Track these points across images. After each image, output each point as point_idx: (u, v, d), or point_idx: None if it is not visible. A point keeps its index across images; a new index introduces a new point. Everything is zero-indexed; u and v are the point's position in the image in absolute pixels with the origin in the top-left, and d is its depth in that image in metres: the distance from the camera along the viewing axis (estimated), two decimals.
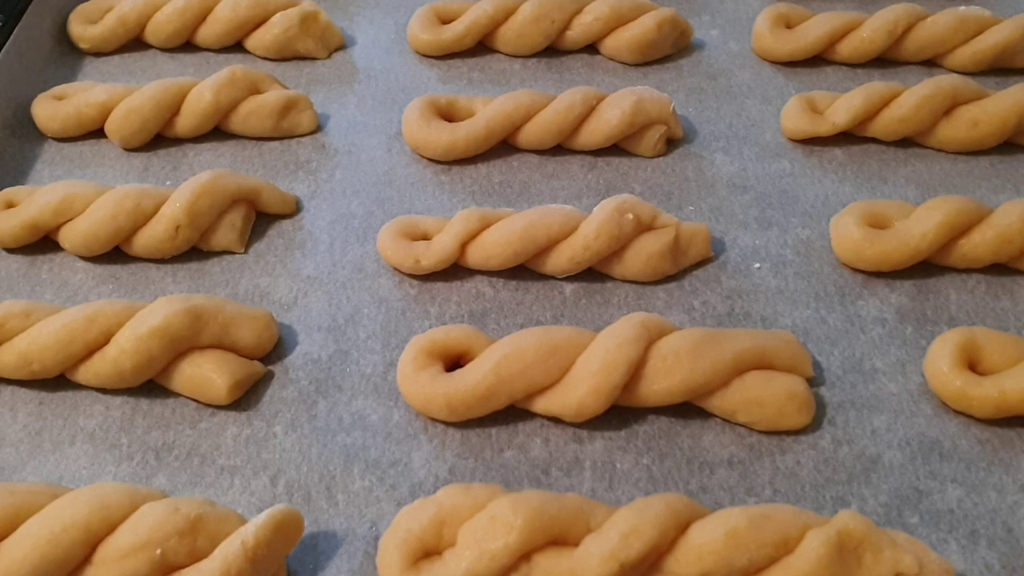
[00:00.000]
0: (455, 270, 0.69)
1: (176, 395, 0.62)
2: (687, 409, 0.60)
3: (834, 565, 0.49)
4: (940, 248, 0.67)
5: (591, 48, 0.90)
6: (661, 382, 0.58)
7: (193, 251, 0.71)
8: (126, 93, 0.80)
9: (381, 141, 0.81)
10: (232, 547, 0.49)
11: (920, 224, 0.67)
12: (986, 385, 0.58)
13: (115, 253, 0.71)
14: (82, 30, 0.90)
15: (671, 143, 0.80)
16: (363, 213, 0.75)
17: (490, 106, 0.78)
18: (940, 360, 0.60)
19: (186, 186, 0.70)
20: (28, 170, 0.79)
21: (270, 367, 0.64)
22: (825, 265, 0.70)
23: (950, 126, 0.77)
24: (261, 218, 0.75)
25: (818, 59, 0.88)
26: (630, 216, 0.67)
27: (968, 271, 0.69)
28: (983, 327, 0.63)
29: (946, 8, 0.87)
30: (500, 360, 0.58)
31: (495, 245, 0.67)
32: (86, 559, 0.50)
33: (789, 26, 0.89)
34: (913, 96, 0.77)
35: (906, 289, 0.68)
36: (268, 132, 0.81)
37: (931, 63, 0.88)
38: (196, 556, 0.50)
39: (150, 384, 0.62)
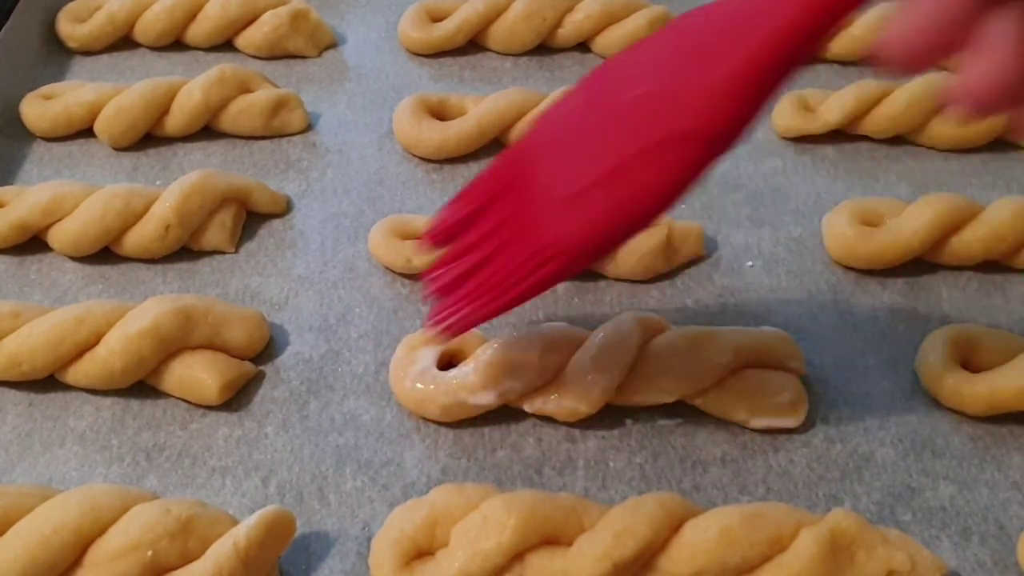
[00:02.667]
0: None
1: (167, 396, 0.62)
2: (680, 407, 0.60)
3: (827, 563, 0.49)
4: (932, 245, 0.67)
5: (583, 46, 0.90)
6: (654, 381, 0.58)
7: (183, 251, 0.71)
8: (115, 92, 0.79)
9: (372, 140, 0.81)
10: (224, 548, 0.49)
11: (912, 222, 0.67)
12: (978, 382, 0.58)
13: (104, 253, 0.70)
14: (71, 29, 0.89)
15: None
16: (354, 212, 0.75)
17: (481, 104, 0.78)
18: (932, 357, 0.60)
19: (176, 185, 0.70)
20: (16, 170, 0.79)
21: (261, 367, 0.64)
22: (817, 263, 0.70)
23: (942, 123, 0.77)
24: (251, 217, 0.74)
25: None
26: None
27: (960, 268, 0.69)
28: (975, 324, 0.63)
29: None
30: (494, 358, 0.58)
31: None
32: (77, 561, 0.50)
33: None
34: (905, 94, 0.77)
35: (898, 287, 0.68)
36: (258, 131, 0.80)
37: None
38: (187, 557, 0.50)
39: (140, 385, 0.62)
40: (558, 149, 0.48)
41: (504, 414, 0.60)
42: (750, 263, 0.70)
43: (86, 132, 0.81)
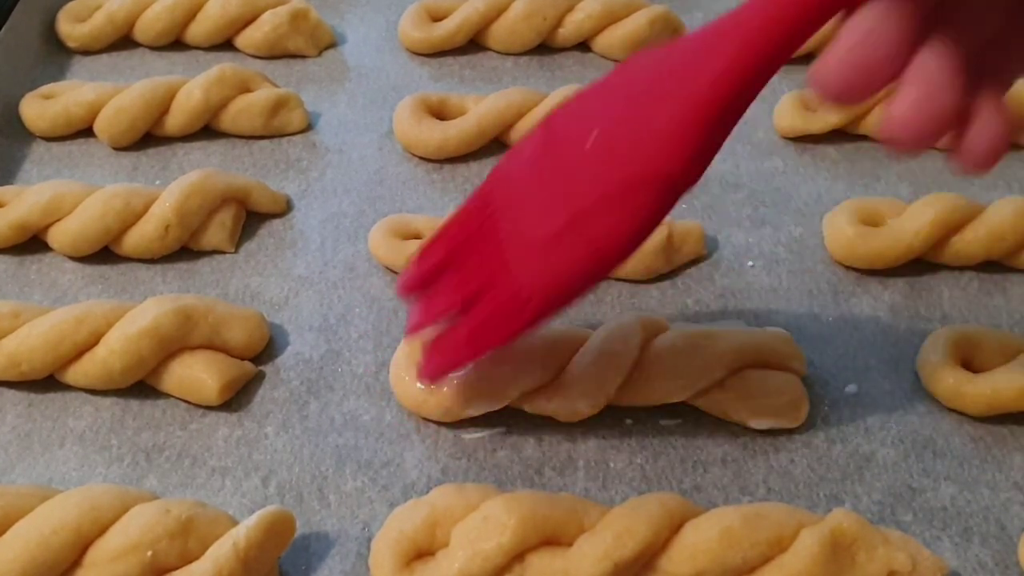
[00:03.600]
0: None
1: (166, 396, 0.62)
2: (680, 408, 0.60)
3: (828, 563, 0.49)
4: (933, 245, 0.67)
5: (583, 46, 0.90)
6: (656, 381, 0.58)
7: (183, 251, 0.71)
8: (115, 92, 0.79)
9: (372, 139, 0.81)
10: (223, 549, 0.49)
11: (913, 221, 0.66)
12: (979, 382, 0.58)
13: (104, 253, 0.70)
14: (70, 28, 0.89)
15: None
16: (354, 212, 0.74)
17: (482, 104, 0.78)
18: (933, 357, 0.60)
19: (175, 185, 0.70)
20: (16, 170, 0.79)
21: (261, 367, 0.64)
22: (818, 263, 0.70)
23: None
24: (251, 217, 0.74)
25: (810, 57, 0.88)
26: None
27: (961, 268, 0.69)
28: (976, 324, 0.63)
29: None
30: (494, 360, 0.58)
31: None
32: (76, 561, 0.50)
33: None
34: None
35: (899, 287, 0.68)
36: (258, 131, 0.80)
37: None
38: (187, 558, 0.50)
39: (140, 385, 0.61)
40: (523, 194, 0.48)
41: (504, 414, 0.60)
42: (751, 263, 0.70)
43: (86, 132, 0.81)
